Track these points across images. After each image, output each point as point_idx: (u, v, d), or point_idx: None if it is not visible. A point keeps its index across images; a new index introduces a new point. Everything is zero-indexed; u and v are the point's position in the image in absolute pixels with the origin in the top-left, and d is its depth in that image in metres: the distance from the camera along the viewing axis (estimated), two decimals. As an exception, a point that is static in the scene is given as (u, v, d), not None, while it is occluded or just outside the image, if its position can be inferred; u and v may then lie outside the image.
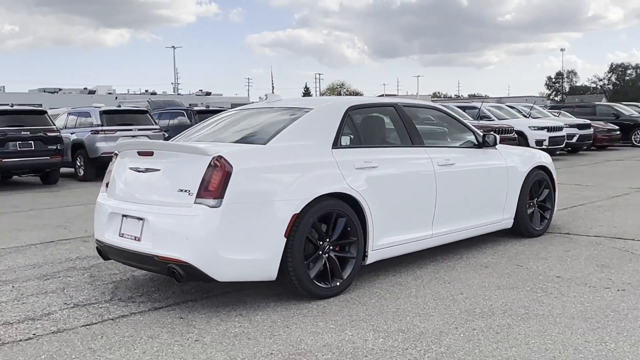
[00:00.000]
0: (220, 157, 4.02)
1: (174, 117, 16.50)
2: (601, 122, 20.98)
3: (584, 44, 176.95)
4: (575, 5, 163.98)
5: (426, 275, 4.99)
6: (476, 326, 3.79)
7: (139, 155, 4.50)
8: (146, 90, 70.84)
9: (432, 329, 3.75)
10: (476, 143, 5.87)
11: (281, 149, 4.37)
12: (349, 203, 4.52)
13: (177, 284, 4.81)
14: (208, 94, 70.79)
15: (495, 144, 5.88)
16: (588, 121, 19.51)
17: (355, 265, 4.57)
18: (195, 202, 4.00)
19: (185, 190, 4.06)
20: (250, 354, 3.42)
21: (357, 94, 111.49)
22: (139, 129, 14.38)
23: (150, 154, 4.41)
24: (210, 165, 4.00)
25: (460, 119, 6.01)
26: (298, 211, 4.17)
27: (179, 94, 69.69)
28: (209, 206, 3.94)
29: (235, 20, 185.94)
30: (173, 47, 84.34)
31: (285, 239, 4.14)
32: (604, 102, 45.18)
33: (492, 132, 6.10)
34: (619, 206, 8.41)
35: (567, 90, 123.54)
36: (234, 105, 17.95)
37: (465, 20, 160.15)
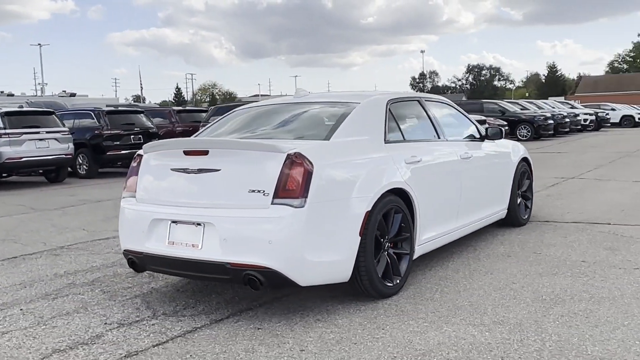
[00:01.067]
0: (299, 154, 3.77)
1: (80, 118, 15.32)
2: (491, 119, 22.35)
3: (441, 46, 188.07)
4: (431, 9, 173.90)
5: (462, 269, 5.01)
6: (561, 312, 3.86)
7: (186, 154, 4.09)
8: (1, 92, 65.06)
9: (523, 318, 3.77)
10: (478, 136, 6.01)
11: (344, 145, 4.20)
12: (402, 198, 4.44)
13: (211, 295, 4.49)
14: (73, 94, 66.42)
15: (501, 137, 6.06)
16: (484, 118, 20.70)
17: (409, 262, 4.50)
18: (273, 203, 3.72)
19: (259, 191, 3.76)
20: (374, 359, 3.25)
21: (230, 94, 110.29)
22: (47, 132, 13.22)
23: (204, 152, 4.02)
24: (286, 162, 3.74)
25: (465, 113, 6.12)
26: (369, 208, 4.03)
27: (41, 95, 64.85)
28: (293, 206, 3.68)
29: (95, 17, 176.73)
30: (39, 44, 78.18)
31: (360, 238, 3.98)
32: (464, 100, 47.64)
33: (498, 126, 6.27)
34: (565, 195, 9.00)
35: (429, 90, 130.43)
36: (110, 107, 16.98)
37: (329, 22, 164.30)
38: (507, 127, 22.29)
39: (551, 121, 24.59)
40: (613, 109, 37.56)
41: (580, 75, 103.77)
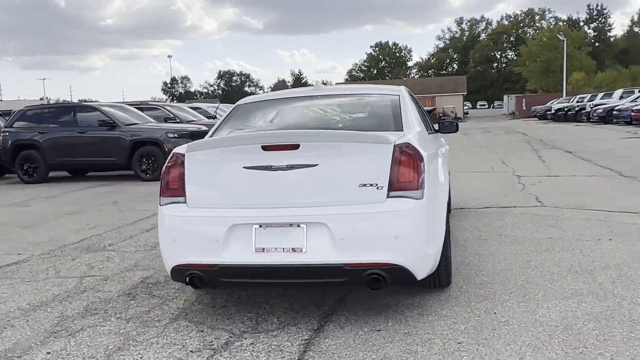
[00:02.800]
0: (409, 144, 3.67)
1: None
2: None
3: (186, 52, 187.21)
4: (174, 14, 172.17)
5: (484, 255, 5.25)
6: (613, 278, 4.38)
7: (266, 150, 3.68)
8: None
9: (614, 297, 4.01)
10: (434, 130, 6.35)
11: (417, 136, 4.17)
12: None
13: (275, 303, 4.13)
14: None
15: (457, 130, 6.46)
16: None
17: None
18: (389, 197, 3.56)
19: (371, 185, 3.57)
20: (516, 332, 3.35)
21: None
22: None
23: (294, 147, 3.66)
24: (396, 153, 3.61)
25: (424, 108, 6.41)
26: (447, 199, 4.09)
27: None
28: (414, 199, 3.57)
29: None
30: None
31: (445, 229, 4.02)
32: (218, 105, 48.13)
33: (453, 120, 6.63)
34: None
35: (182, 95, 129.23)
36: None
37: (64, 21, 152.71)
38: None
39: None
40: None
41: (325, 82, 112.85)
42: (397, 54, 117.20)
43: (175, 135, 12.83)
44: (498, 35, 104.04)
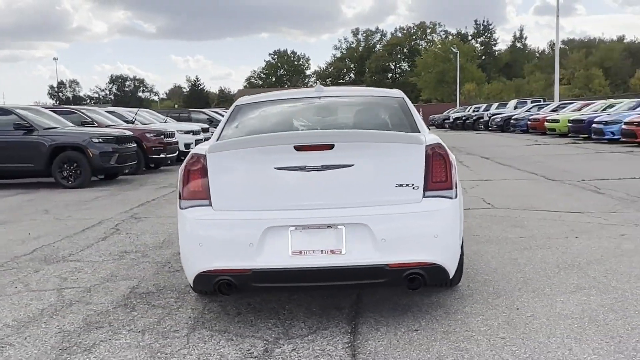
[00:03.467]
0: (440, 144, 3.70)
1: None
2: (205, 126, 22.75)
3: (72, 55, 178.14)
4: (58, 15, 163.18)
5: (470, 255, 5.38)
6: (598, 272, 4.63)
7: (299, 150, 3.57)
8: None
9: (615, 290, 4.23)
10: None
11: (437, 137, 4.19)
12: None
13: (300, 307, 4.01)
14: None
15: None
16: (207, 125, 20.97)
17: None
18: (425, 196, 3.57)
19: (407, 185, 3.56)
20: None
21: None
22: None
23: (328, 147, 3.58)
24: (428, 154, 3.63)
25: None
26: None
27: None
28: (449, 198, 3.60)
29: None
30: None
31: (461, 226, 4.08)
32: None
33: None
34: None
35: (70, 99, 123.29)
36: None
37: None
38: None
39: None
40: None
41: (222, 89, 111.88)
42: (296, 62, 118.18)
43: (101, 140, 12.17)
44: (392, 47, 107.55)
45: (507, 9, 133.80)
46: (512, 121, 29.76)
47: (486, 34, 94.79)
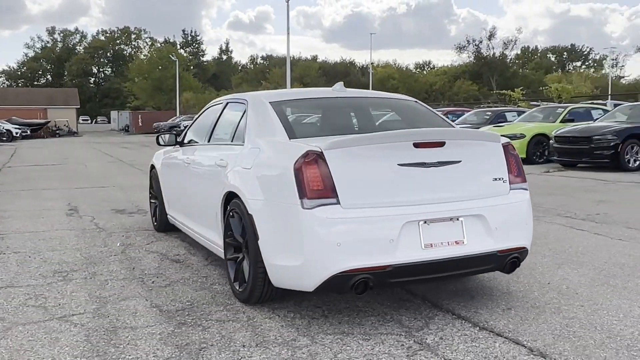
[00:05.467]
0: (510, 143, 4.21)
1: None
2: None
3: None
4: None
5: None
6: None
7: (417, 147, 3.75)
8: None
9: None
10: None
11: None
12: None
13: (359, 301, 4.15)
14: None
15: None
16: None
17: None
18: (511, 189, 4.07)
19: (499, 179, 4.03)
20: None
21: None
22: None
23: (441, 144, 3.82)
24: (505, 151, 4.13)
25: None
26: None
27: None
28: (525, 190, 4.16)
29: None
30: None
31: None
32: None
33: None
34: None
35: None
36: None
37: None
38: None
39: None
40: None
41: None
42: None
43: None
44: (95, 50, 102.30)
45: (204, 21, 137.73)
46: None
47: (194, 44, 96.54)
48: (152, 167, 7.08)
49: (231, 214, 4.32)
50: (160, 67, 66.08)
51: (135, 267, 5.29)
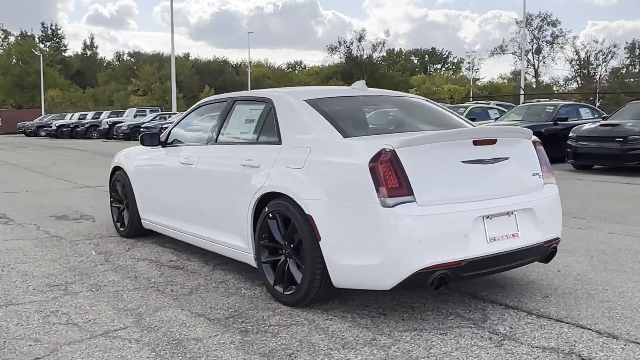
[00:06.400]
0: (537, 138, 4.45)
1: None
2: None
3: None
4: None
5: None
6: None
7: (476, 144, 3.87)
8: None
9: None
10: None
11: None
12: None
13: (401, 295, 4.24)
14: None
15: None
16: None
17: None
18: (545, 183, 4.31)
19: (536, 174, 4.26)
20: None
21: None
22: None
23: (493, 142, 3.96)
24: (535, 147, 4.36)
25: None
26: None
27: None
28: (554, 184, 4.41)
29: None
30: None
31: None
32: None
33: None
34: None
35: None
36: None
37: None
38: None
39: None
40: None
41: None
42: None
43: None
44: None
45: (60, 14, 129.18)
46: (142, 129, 29.92)
47: (55, 38, 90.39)
48: (116, 169, 6.63)
49: (270, 215, 4.19)
50: (20, 63, 61.20)
51: (137, 276, 4.95)
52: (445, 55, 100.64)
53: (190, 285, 4.67)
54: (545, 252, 4.18)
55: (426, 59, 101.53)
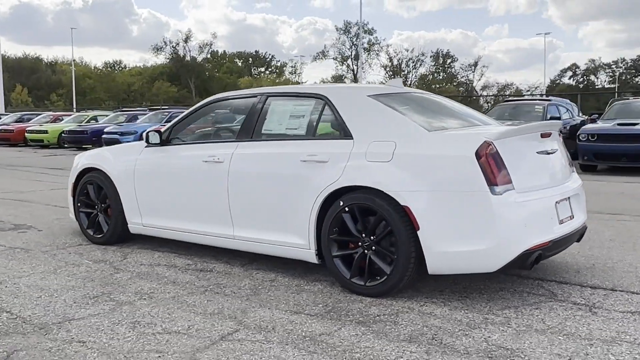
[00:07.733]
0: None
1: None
2: None
3: None
4: None
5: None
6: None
7: (543, 137, 4.36)
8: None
9: None
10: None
11: None
12: None
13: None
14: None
15: None
16: None
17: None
18: (571, 172, 4.85)
19: (569, 164, 4.80)
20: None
21: None
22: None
23: (549, 135, 4.42)
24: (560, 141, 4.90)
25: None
26: None
27: None
28: (576, 173, 4.97)
29: None
30: None
31: None
32: None
33: None
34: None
35: None
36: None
37: None
38: None
39: None
40: None
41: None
42: None
43: None
44: None
45: None
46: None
47: None
48: (85, 171, 6.08)
49: (347, 209, 4.23)
50: None
51: (175, 281, 4.65)
52: (268, 59, 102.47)
53: (243, 286, 4.51)
54: (582, 231, 4.72)
55: (250, 62, 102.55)
